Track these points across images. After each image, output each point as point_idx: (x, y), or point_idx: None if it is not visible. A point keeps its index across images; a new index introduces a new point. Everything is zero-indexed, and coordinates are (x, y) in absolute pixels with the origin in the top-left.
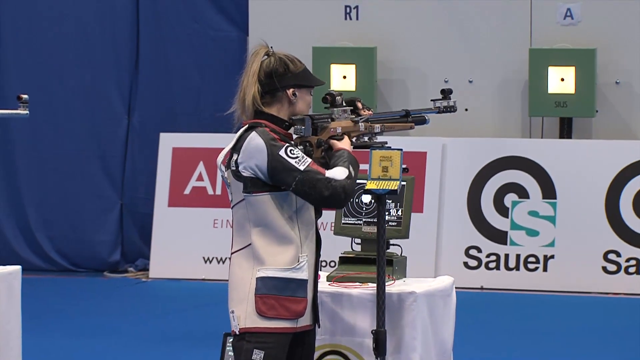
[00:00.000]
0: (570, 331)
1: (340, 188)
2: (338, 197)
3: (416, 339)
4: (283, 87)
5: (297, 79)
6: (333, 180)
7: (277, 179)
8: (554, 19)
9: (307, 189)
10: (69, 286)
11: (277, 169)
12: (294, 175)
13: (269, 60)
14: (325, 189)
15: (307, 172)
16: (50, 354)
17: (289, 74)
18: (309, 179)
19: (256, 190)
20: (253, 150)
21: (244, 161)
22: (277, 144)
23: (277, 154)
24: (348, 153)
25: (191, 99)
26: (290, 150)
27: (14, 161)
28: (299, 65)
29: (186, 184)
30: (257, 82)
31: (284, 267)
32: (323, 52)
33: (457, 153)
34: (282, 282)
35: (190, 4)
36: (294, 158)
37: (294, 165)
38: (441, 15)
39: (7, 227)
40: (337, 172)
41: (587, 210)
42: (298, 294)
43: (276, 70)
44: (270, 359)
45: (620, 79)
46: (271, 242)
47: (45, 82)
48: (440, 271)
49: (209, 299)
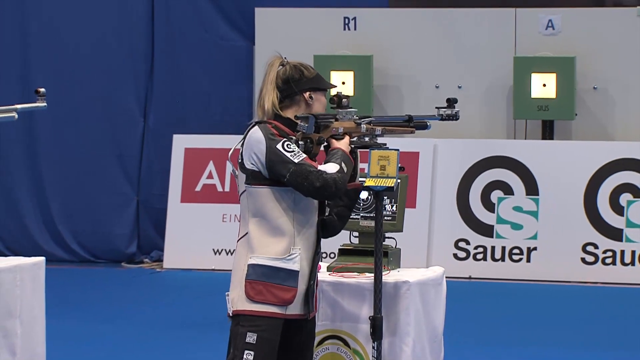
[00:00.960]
0: (551, 318)
1: (331, 180)
2: (329, 188)
3: (410, 325)
4: (300, 91)
5: (312, 82)
6: (324, 173)
7: (273, 170)
8: (536, 29)
9: (300, 179)
10: (89, 276)
11: (273, 160)
12: (288, 167)
13: (284, 68)
14: (317, 180)
15: (300, 164)
16: (72, 338)
17: (304, 79)
18: (302, 170)
19: (256, 183)
20: (253, 142)
21: (247, 153)
22: (275, 139)
23: (275, 147)
24: (342, 152)
25: (202, 103)
26: (287, 144)
27: (38, 160)
28: (312, 71)
29: (197, 182)
30: (275, 89)
31: (275, 256)
32: (324, 59)
33: (448, 153)
34: (272, 270)
35: (200, 15)
36: (289, 152)
37: (289, 157)
38: (433, 26)
39: (32, 222)
40: (329, 167)
41: (567, 205)
42: (287, 283)
43: (292, 76)
44: (263, 341)
45: (597, 85)
46: (265, 233)
47: (69, 88)
48: (431, 262)
49: (219, 288)
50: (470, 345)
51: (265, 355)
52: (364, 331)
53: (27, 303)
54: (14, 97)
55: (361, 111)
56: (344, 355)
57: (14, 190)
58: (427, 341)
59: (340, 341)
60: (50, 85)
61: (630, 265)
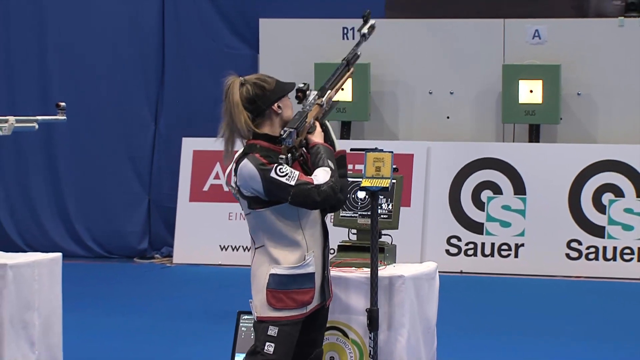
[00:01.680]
0: (537, 310)
1: (329, 189)
2: (330, 198)
3: (404, 316)
4: (268, 105)
5: (275, 93)
6: (321, 186)
7: (274, 196)
8: (523, 38)
9: (301, 199)
10: (103, 271)
11: (272, 189)
12: (288, 191)
13: (245, 88)
14: (317, 195)
15: (297, 185)
16: (87, 330)
17: (267, 93)
18: (301, 191)
19: (258, 207)
20: (247, 176)
21: (242, 185)
22: (266, 168)
23: (269, 177)
24: (323, 147)
25: (209, 108)
26: (280, 169)
27: (56, 162)
28: (271, 82)
29: (205, 182)
30: (243, 110)
31: (293, 265)
32: (323, 67)
33: (440, 155)
34: (290, 278)
35: (208, 25)
36: (283, 176)
37: (286, 182)
38: (426, 35)
39: (50, 220)
40: (321, 176)
41: (552, 204)
42: (305, 285)
43: (256, 94)
44: (284, 334)
45: (581, 91)
46: (281, 245)
47: (84, 95)
48: (425, 257)
49: (225, 282)
50: (462, 336)
51: (285, 347)
52: (362, 322)
53: (45, 296)
54: (33, 104)
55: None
56: (343, 345)
57: (33, 190)
58: (421, 332)
59: (339, 332)
60: (66, 92)
61: (612, 261)
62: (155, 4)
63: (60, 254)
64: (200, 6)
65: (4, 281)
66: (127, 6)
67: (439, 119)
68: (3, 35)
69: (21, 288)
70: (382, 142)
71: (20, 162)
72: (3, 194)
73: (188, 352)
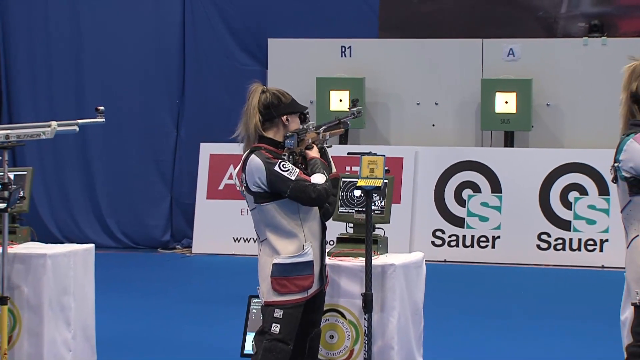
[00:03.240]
0: (512, 294)
1: (323, 190)
2: (323, 197)
3: (395, 300)
4: (279, 115)
5: (288, 107)
6: (317, 185)
7: (275, 188)
8: (500, 56)
9: (298, 194)
10: (131, 260)
11: (274, 181)
12: (288, 184)
13: (265, 95)
14: (313, 192)
15: (297, 181)
16: (116, 311)
17: (282, 105)
18: (299, 186)
19: (263, 201)
20: (254, 169)
21: (250, 179)
22: (271, 162)
23: (273, 169)
24: (318, 160)
25: (223, 117)
26: (283, 165)
27: (90, 165)
28: (288, 97)
29: (220, 182)
30: (257, 113)
31: (293, 254)
32: (324, 81)
33: (427, 158)
34: (291, 266)
35: (222, 45)
36: (285, 171)
37: (287, 176)
38: (415, 53)
39: (84, 215)
40: (318, 178)
41: (525, 201)
42: (305, 272)
43: (272, 102)
44: (288, 315)
45: (550, 102)
46: (281, 237)
47: (115, 105)
48: (413, 248)
49: (238, 270)
50: (446, 317)
51: (290, 327)
52: (357, 305)
53: (80, 282)
54: (70, 114)
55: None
56: (341, 326)
57: (70, 189)
58: (409, 314)
59: (338, 313)
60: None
61: (577, 251)
62: (177, 27)
63: (93, 245)
64: (215, 28)
65: (43, 269)
66: (153, 29)
67: (426, 126)
68: (45, 52)
69: (59, 275)
70: (375, 147)
71: (58, 165)
72: (44, 192)
73: (205, 331)
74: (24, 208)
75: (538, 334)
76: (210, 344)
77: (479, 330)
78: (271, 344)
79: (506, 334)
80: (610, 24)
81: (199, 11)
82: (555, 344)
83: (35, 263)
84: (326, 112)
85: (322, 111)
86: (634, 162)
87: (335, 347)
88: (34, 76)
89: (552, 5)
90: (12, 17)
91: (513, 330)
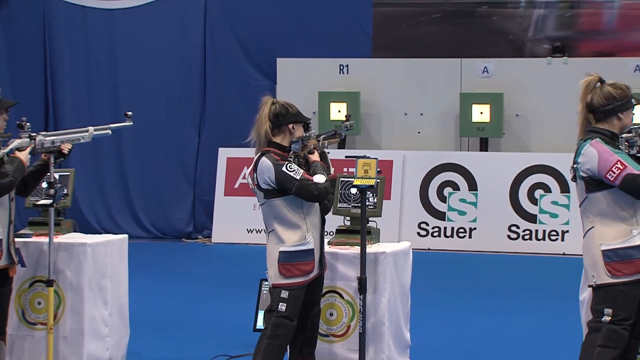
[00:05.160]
0: (486, 277)
1: (323, 188)
2: (323, 194)
3: (386, 282)
4: (286, 123)
5: (294, 117)
6: (319, 184)
7: (282, 186)
8: (475, 73)
9: (302, 191)
10: (159, 248)
11: (281, 179)
12: (293, 183)
13: (275, 106)
14: (314, 190)
15: (301, 180)
16: (146, 292)
17: (289, 114)
18: (303, 184)
19: (272, 197)
20: (264, 169)
21: (261, 178)
22: (279, 163)
23: (281, 170)
24: (319, 163)
25: (238, 125)
26: (289, 166)
27: (124, 167)
28: (294, 109)
29: (235, 181)
30: (268, 121)
31: (296, 243)
32: (325, 94)
33: (413, 161)
34: (295, 253)
35: (237, 64)
36: (291, 171)
37: (293, 176)
38: (403, 71)
39: (118, 209)
40: (319, 178)
41: (497, 198)
42: (307, 259)
43: (280, 112)
44: (292, 296)
45: (519, 113)
46: (287, 228)
47: (145, 114)
48: (401, 238)
49: (251, 257)
50: (430, 297)
51: (294, 305)
52: (354, 287)
53: (115, 267)
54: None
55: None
56: (340, 305)
57: (107, 187)
58: (398, 294)
59: (337, 294)
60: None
61: (542, 241)
62: (199, 49)
63: (126, 235)
64: (232, 50)
65: (84, 256)
66: (179, 51)
67: (412, 133)
68: (85, 65)
69: (97, 261)
70: (369, 151)
71: (97, 167)
72: (85, 190)
73: (222, 309)
74: (67, 204)
75: (509, 311)
76: (226, 320)
77: (458, 308)
78: (278, 320)
79: (481, 311)
80: (570, 46)
81: (218, 35)
82: (523, 320)
83: (77, 251)
84: (327, 121)
85: (323, 120)
86: (590, 164)
87: (335, 323)
88: (75, 93)
89: (520, 29)
90: (57, 42)
91: (487, 308)
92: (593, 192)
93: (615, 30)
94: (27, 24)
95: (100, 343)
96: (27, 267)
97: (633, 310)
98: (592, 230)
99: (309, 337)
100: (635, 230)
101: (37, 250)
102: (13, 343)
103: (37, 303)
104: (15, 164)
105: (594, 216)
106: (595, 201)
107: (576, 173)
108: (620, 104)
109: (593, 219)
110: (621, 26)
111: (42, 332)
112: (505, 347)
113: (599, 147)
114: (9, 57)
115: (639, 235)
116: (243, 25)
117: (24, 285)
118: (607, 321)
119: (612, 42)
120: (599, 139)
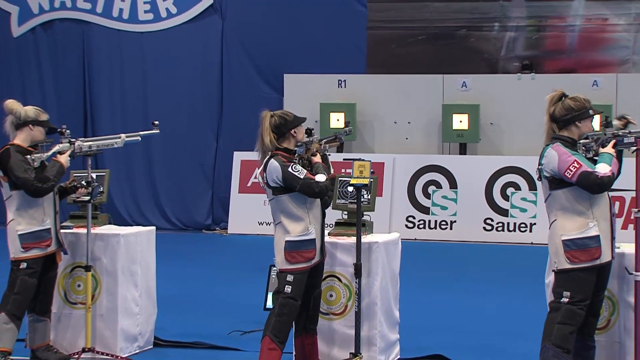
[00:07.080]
0: (465, 263)
1: (324, 186)
2: (324, 192)
3: (378, 268)
4: (287, 130)
5: (293, 123)
6: (320, 182)
7: (288, 184)
8: (455, 87)
9: (305, 189)
10: (182, 238)
11: (287, 178)
12: (297, 181)
13: (274, 119)
14: (316, 187)
15: (305, 179)
16: (171, 276)
17: (288, 122)
18: (306, 183)
19: (279, 193)
20: (272, 169)
21: (269, 177)
22: (286, 164)
23: (287, 170)
24: (320, 164)
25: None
26: (294, 167)
27: (152, 169)
28: (290, 116)
29: (248, 180)
30: (271, 133)
31: (300, 234)
32: (326, 106)
33: (402, 163)
34: (299, 243)
35: (250, 78)
36: (296, 171)
37: (297, 175)
38: (393, 85)
39: (147, 204)
40: (320, 177)
41: (474, 195)
42: (309, 247)
43: (280, 122)
44: (297, 280)
45: (493, 121)
46: (292, 221)
47: (170, 122)
48: (392, 229)
49: (262, 246)
50: (416, 281)
51: (298, 288)
52: (350, 272)
53: (144, 255)
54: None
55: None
56: (338, 287)
57: (137, 185)
58: (389, 278)
59: (336, 278)
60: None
61: (513, 232)
62: (216, 66)
63: (154, 227)
64: (245, 66)
65: (118, 245)
66: (200, 67)
67: (401, 139)
68: (119, 80)
69: (129, 249)
70: (364, 154)
71: (129, 168)
72: (118, 188)
73: (236, 290)
74: (103, 200)
75: (485, 292)
76: (239, 301)
77: (440, 290)
78: (285, 300)
79: (461, 293)
80: (537, 63)
81: (233, 54)
82: (498, 300)
83: (112, 240)
84: (327, 129)
85: (324, 128)
86: (552, 165)
87: (334, 303)
88: (110, 104)
89: (494, 49)
90: (95, 59)
91: (467, 291)
92: (555, 189)
93: (576, 50)
94: (70, 45)
95: (132, 320)
96: (68, 254)
97: (589, 292)
98: (555, 223)
99: (311, 315)
100: (592, 223)
101: (77, 240)
102: (57, 320)
103: (77, 286)
104: (56, 168)
105: (557, 210)
106: (557, 197)
107: (541, 173)
108: (578, 114)
109: (556, 212)
110: (581, 46)
111: (81, 310)
112: (481, 323)
113: (559, 150)
114: (53, 72)
115: (595, 227)
116: (255, 46)
117: (66, 270)
118: (565, 302)
119: (573, 60)
120: (559, 143)
